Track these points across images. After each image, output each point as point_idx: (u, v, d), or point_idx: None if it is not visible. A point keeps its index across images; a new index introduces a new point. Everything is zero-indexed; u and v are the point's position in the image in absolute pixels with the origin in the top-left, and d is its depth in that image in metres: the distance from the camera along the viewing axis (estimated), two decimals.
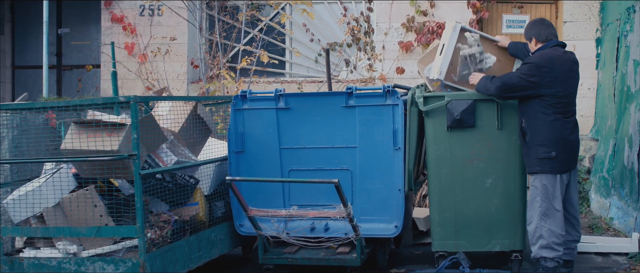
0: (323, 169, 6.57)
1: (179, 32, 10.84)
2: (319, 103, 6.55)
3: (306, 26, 10.95)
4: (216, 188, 6.72)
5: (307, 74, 11.11)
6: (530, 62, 5.89)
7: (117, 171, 5.45)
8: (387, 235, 6.40)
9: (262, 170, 6.66)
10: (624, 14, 8.55)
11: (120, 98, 5.36)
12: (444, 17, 10.36)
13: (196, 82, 10.91)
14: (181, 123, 6.22)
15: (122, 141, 5.37)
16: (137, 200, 5.31)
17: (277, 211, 6.09)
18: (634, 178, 7.97)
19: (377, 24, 10.57)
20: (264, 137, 6.66)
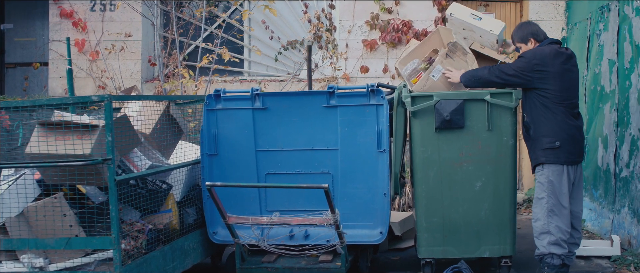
0: (302, 172, 6.23)
1: (133, 28, 10.31)
2: (298, 102, 6.20)
3: (265, 23, 10.57)
4: (187, 194, 6.31)
5: (267, 73, 10.71)
6: (523, 57, 5.78)
7: (89, 177, 5.00)
8: (371, 241, 6.10)
9: (236, 174, 6.29)
10: (596, 13, 8.43)
11: (94, 97, 4.90)
12: (409, 15, 10.12)
13: (151, 81, 10.40)
14: (153, 124, 5.78)
15: (94, 144, 4.93)
16: (112, 208, 4.88)
17: (259, 218, 5.72)
18: (610, 180, 7.85)
19: (340, 22, 10.25)
20: (239, 139, 6.28)
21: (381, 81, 9.69)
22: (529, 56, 5.72)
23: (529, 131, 5.79)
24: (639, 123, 7.11)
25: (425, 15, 10.08)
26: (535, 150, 5.77)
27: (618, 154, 7.67)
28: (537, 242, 5.80)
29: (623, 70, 7.53)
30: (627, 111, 7.39)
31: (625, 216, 7.32)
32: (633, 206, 7.19)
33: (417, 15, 10.09)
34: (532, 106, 5.77)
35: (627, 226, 7.23)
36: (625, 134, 7.44)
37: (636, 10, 7.14)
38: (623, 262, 6.71)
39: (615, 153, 7.74)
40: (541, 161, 5.74)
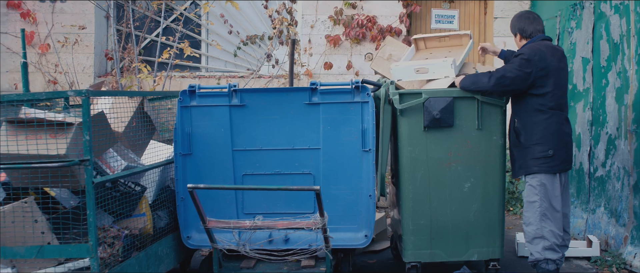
0: (281, 173, 5.92)
1: (86, 21, 9.79)
2: (278, 99, 5.89)
3: (224, 17, 10.19)
4: (157, 196, 5.93)
5: (225, 68, 10.32)
6: (521, 54, 5.57)
7: (63, 180, 4.59)
8: (356, 245, 5.83)
9: (211, 175, 5.94)
10: (567, 10, 8.34)
11: (69, 93, 4.49)
12: (374, 11, 9.89)
13: (104, 76, 9.91)
14: (126, 122, 5.38)
15: (70, 143, 4.53)
16: (89, 213, 4.49)
17: (241, 222, 5.38)
18: (583, 179, 7.77)
19: (303, 17, 9.95)
20: (215, 138, 5.93)
21: (345, 78, 9.47)
22: (529, 52, 5.53)
23: (520, 137, 5.62)
24: (616, 121, 7.03)
25: (390, 11, 9.87)
26: (526, 159, 5.60)
27: (593, 154, 7.58)
28: (531, 248, 5.63)
29: (599, 68, 7.45)
30: (604, 110, 7.31)
31: (602, 216, 7.23)
32: (610, 206, 7.10)
33: (381, 10, 9.87)
34: (524, 110, 5.60)
35: (603, 226, 7.15)
36: (601, 134, 7.35)
37: (615, 8, 7.05)
38: (604, 263, 6.60)
39: (589, 152, 7.65)
40: (533, 171, 5.57)
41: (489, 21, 10.20)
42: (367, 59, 9.86)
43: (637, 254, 6.37)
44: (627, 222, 6.67)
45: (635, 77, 6.58)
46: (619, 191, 6.92)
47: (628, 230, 6.63)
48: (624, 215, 6.77)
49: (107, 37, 9.95)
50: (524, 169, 5.62)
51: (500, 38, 9.92)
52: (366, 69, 9.85)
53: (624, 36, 6.84)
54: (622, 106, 6.89)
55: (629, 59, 6.70)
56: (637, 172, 6.50)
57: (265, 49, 10.18)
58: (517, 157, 5.69)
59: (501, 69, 5.58)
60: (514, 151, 5.71)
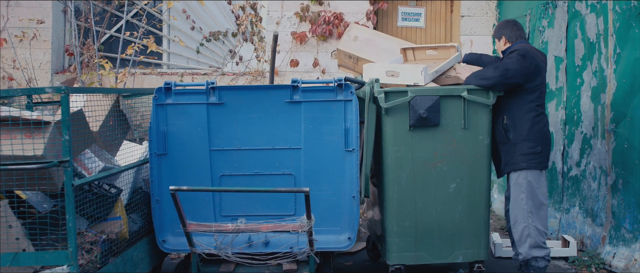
0: (261, 174, 5.71)
1: (43, 15, 9.38)
2: (258, 97, 5.68)
3: (186, 13, 9.90)
4: (131, 198, 5.66)
5: (188, 65, 10.03)
6: (516, 50, 5.68)
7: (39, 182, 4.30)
8: (339, 248, 5.65)
9: (187, 176, 5.70)
10: (538, 9, 8.31)
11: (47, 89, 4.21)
12: (340, 7, 9.72)
13: (62, 73, 9.52)
14: (101, 120, 5.11)
15: (47, 143, 4.25)
16: (69, 218, 4.23)
17: (223, 225, 5.16)
18: (556, 179, 7.74)
19: (268, 13, 9.72)
20: (192, 137, 5.69)
21: (311, 76, 9.29)
22: (522, 49, 5.65)
23: (508, 134, 5.65)
24: (592, 121, 7.00)
25: (357, 7, 9.71)
26: (515, 155, 5.63)
27: (566, 153, 7.56)
28: (519, 247, 5.58)
29: (573, 67, 7.42)
30: (578, 109, 7.28)
31: (577, 215, 7.21)
32: (585, 206, 7.08)
33: (348, 7, 9.71)
34: (514, 106, 5.63)
35: (578, 226, 7.12)
36: (576, 133, 7.32)
37: (591, 7, 7.02)
38: (582, 262, 6.56)
39: (563, 151, 7.62)
40: (521, 167, 5.62)
41: (455, 20, 10.12)
42: (333, 56, 9.68)
43: (616, 254, 6.34)
44: (605, 222, 6.64)
45: (614, 76, 6.55)
46: (595, 190, 6.89)
47: (606, 229, 6.61)
48: (601, 215, 6.74)
49: (64, 32, 9.57)
50: (511, 166, 5.66)
51: (467, 36, 9.86)
52: (333, 67, 9.68)
53: (601, 35, 6.81)
54: (598, 105, 6.86)
55: (607, 58, 6.67)
56: (616, 172, 6.48)
57: (229, 45, 9.92)
58: (503, 154, 5.70)
59: (502, 63, 5.60)
60: (501, 149, 5.70)
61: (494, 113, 5.66)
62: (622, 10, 6.40)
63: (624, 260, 6.20)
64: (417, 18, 10.08)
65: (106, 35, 9.62)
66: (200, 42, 9.90)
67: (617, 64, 6.51)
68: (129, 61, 8.94)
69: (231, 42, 9.93)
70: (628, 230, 6.26)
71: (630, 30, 6.26)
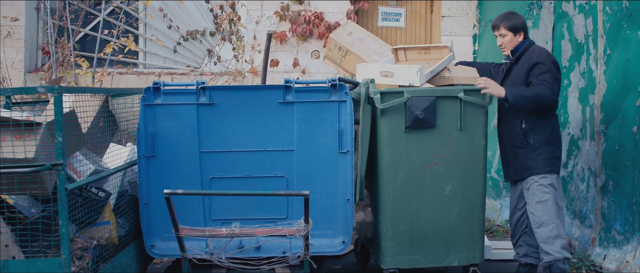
0: (252, 176, 5.57)
1: (16, 12, 9.09)
2: (250, 98, 5.53)
3: (163, 11, 9.68)
4: (117, 202, 5.48)
5: (164, 65, 9.82)
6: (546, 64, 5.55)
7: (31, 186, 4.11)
8: (333, 252, 5.53)
9: (177, 179, 5.53)
10: (522, 9, 8.27)
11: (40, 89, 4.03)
12: (321, 7, 9.59)
13: (35, 72, 9.25)
14: (90, 121, 4.92)
15: (39, 145, 4.06)
16: (62, 223, 4.05)
17: (217, 229, 5.00)
18: None
19: (248, 12, 9.55)
20: (181, 138, 5.53)
21: (291, 76, 9.16)
22: (549, 57, 5.62)
23: (528, 138, 5.58)
24: (580, 122, 6.97)
25: (338, 7, 9.60)
26: (537, 160, 5.56)
27: None
28: (548, 247, 5.53)
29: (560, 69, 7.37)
30: (565, 110, 7.25)
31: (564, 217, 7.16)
32: (573, 208, 7.05)
33: (329, 7, 9.59)
34: (535, 112, 5.55)
35: (567, 227, 7.08)
36: (563, 135, 7.27)
37: (579, 8, 6.99)
38: (571, 264, 6.51)
39: None
40: (545, 170, 5.54)
41: (435, 20, 10.07)
42: (313, 56, 9.57)
43: (607, 255, 6.31)
44: (595, 224, 6.61)
45: (604, 77, 6.53)
46: (583, 192, 6.86)
47: (595, 231, 6.58)
48: (590, 217, 6.72)
49: (38, 30, 9.30)
50: (533, 170, 5.57)
51: (448, 37, 9.81)
52: (313, 67, 9.56)
53: (590, 36, 6.78)
54: (586, 107, 6.83)
55: (596, 59, 6.65)
56: (606, 173, 6.45)
57: (206, 45, 9.74)
58: (522, 159, 5.63)
59: (548, 78, 5.49)
60: (518, 153, 5.64)
61: (504, 115, 5.68)
62: (613, 11, 6.37)
63: (616, 262, 6.17)
64: (397, 18, 10.00)
65: (81, 33, 9.37)
66: (177, 42, 9.71)
67: (607, 65, 6.48)
68: (105, 60, 8.72)
69: (209, 42, 9.75)
70: (619, 231, 6.23)
71: (622, 31, 6.24)
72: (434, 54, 6.11)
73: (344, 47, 6.40)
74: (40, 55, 9.45)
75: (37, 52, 9.44)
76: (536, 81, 5.47)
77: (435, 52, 6.11)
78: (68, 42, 8.77)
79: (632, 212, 6.05)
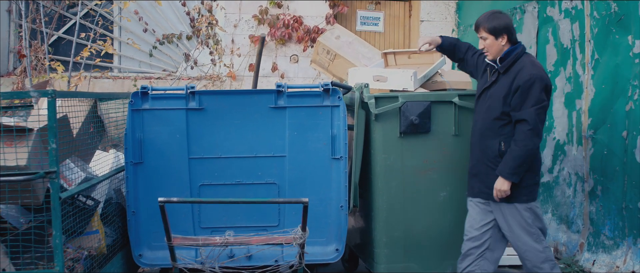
0: (243, 183, 5.45)
1: None
2: (241, 103, 5.41)
3: (139, 14, 9.48)
4: (103, 210, 5.31)
5: (139, 69, 9.61)
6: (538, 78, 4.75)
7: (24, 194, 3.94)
8: (326, 260, 5.44)
9: (165, 186, 5.38)
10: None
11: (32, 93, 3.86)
12: (300, 11, 9.48)
13: (7, 76, 8.99)
14: (77, 127, 4.74)
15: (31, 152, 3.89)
16: (55, 234, 3.89)
17: (211, 238, 4.84)
18: None
19: (225, 16, 9.39)
20: (169, 144, 5.38)
21: (269, 80, 9.03)
22: (542, 76, 4.78)
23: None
24: (565, 127, 6.96)
25: (317, 11, 9.50)
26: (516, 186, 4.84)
27: None
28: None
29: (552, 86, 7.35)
30: (550, 115, 7.23)
31: (549, 222, 7.15)
32: (559, 213, 7.03)
33: (308, 11, 9.48)
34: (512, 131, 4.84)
35: (552, 233, 7.06)
36: (548, 139, 7.27)
37: (565, 12, 6.97)
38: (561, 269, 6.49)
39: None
40: (523, 199, 4.89)
41: (414, 24, 10.01)
42: (292, 60, 9.45)
43: (596, 261, 6.29)
44: (582, 229, 6.59)
45: (591, 82, 6.52)
46: (570, 197, 6.84)
47: (583, 236, 6.56)
48: (577, 222, 6.70)
49: (9, 33, 9.04)
50: (510, 198, 4.86)
51: None
52: (292, 71, 9.44)
53: (576, 40, 6.77)
54: (573, 112, 6.82)
55: (583, 64, 6.63)
56: (594, 178, 6.44)
57: (183, 48, 9.56)
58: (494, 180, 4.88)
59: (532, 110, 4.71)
60: (492, 174, 4.90)
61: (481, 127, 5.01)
62: (601, 16, 6.37)
63: (605, 267, 6.15)
64: (376, 22, 9.93)
65: (54, 36, 9.13)
66: (153, 45, 9.51)
67: (595, 70, 6.47)
68: (80, 64, 8.51)
69: (185, 46, 9.57)
70: (608, 236, 6.22)
71: (610, 36, 6.23)
72: (424, 59, 6.04)
73: (332, 51, 6.30)
74: (11, 59, 9.19)
75: (9, 56, 9.18)
76: (520, 121, 4.75)
77: (424, 57, 6.04)
78: (41, 46, 8.54)
79: (622, 217, 6.04)
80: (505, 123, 4.87)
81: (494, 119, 4.90)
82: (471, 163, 5.13)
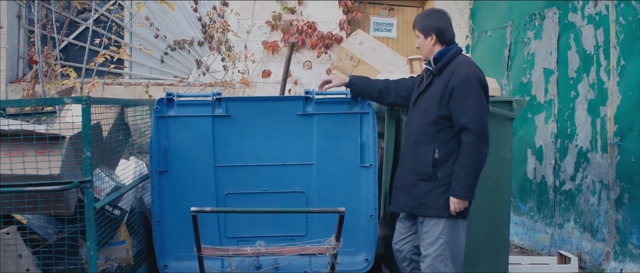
0: (270, 192, 5.34)
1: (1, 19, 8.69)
2: (268, 109, 5.31)
3: (150, 20, 9.37)
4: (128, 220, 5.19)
5: (151, 75, 9.50)
6: (474, 77, 4.47)
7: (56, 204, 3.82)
8: (355, 270, 5.33)
9: (190, 195, 5.27)
10: (523, 20, 8.17)
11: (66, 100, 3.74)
12: (313, 16, 9.37)
13: (16, 82, 8.86)
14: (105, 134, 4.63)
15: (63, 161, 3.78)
16: (90, 246, 3.77)
17: (241, 249, 4.73)
18: (546, 193, 7.59)
19: (238, 21, 9.28)
20: (195, 152, 5.28)
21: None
22: (478, 75, 4.50)
23: (437, 171, 4.52)
24: (589, 134, 6.87)
25: (330, 17, 9.39)
26: (439, 198, 4.50)
27: (558, 167, 7.40)
28: None
29: (566, 80, 7.28)
30: (572, 122, 7.14)
31: (572, 231, 7.05)
32: (582, 221, 6.93)
33: (322, 16, 9.37)
34: (447, 139, 4.53)
35: (575, 241, 6.96)
36: (570, 147, 7.18)
37: (588, 18, 6.89)
38: None
39: (554, 165, 7.47)
40: (446, 214, 4.51)
41: None
42: (306, 67, 9.34)
43: (624, 270, 6.20)
44: (608, 237, 6.50)
45: (617, 89, 6.43)
46: (594, 205, 6.75)
47: (609, 245, 6.46)
48: (602, 230, 6.60)
49: (19, 39, 8.92)
50: (433, 210, 4.52)
51: None
52: (305, 77, 9.33)
53: (600, 46, 6.69)
54: (596, 118, 6.73)
55: (608, 70, 6.55)
56: (620, 186, 6.35)
57: (194, 55, 9.45)
58: (420, 192, 4.57)
59: (474, 114, 4.40)
60: (418, 183, 4.58)
61: (415, 133, 4.68)
62: (627, 22, 6.29)
63: None
64: (389, 28, 9.84)
65: (65, 42, 9.01)
66: (164, 51, 9.40)
67: (621, 76, 6.39)
68: (92, 71, 8.40)
69: (197, 52, 9.46)
70: (636, 245, 6.13)
71: (637, 42, 6.15)
72: None
73: (356, 57, 6.21)
74: (21, 65, 9.07)
75: (18, 62, 9.06)
76: (464, 130, 4.43)
77: None
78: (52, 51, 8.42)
79: None
80: (441, 128, 4.54)
81: (429, 124, 4.56)
82: (399, 173, 4.83)
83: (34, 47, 8.58)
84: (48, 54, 8.45)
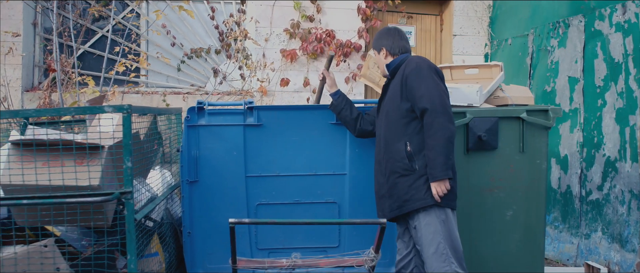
0: (301, 202, 5.27)
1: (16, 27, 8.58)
2: (300, 118, 5.25)
3: (166, 28, 9.29)
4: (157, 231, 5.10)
5: (167, 84, 9.40)
6: (425, 64, 4.61)
7: (96, 216, 3.73)
8: None
9: (220, 205, 5.21)
10: (546, 28, 8.08)
11: (106, 109, 3.65)
12: (332, 24, 9.29)
13: (32, 90, 8.76)
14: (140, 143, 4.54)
15: (103, 171, 3.69)
16: (130, 259, 3.68)
17: (277, 261, 4.63)
18: (572, 203, 7.49)
19: (256, 29, 9.19)
20: (226, 162, 5.20)
21: (301, 96, 8.84)
22: (428, 62, 4.66)
23: (414, 163, 4.54)
24: (617, 143, 6.78)
25: (349, 25, 9.30)
26: (421, 189, 4.52)
27: (584, 177, 7.31)
28: None
29: (593, 88, 7.19)
30: (599, 131, 7.04)
31: (599, 241, 6.95)
32: (610, 231, 6.83)
33: (340, 25, 9.29)
34: (415, 130, 4.57)
35: (603, 252, 6.86)
36: (597, 156, 7.09)
37: (616, 26, 6.81)
38: None
39: (580, 175, 7.37)
40: (430, 202, 4.51)
41: (446, 38, 9.85)
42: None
43: None
44: (638, 248, 6.39)
45: None
46: (623, 215, 6.65)
47: None
48: (632, 240, 6.50)
49: (35, 47, 8.83)
50: (418, 202, 4.53)
51: (459, 56, 9.59)
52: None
53: (629, 54, 6.60)
54: (625, 128, 6.64)
55: (637, 79, 6.47)
56: None
57: (211, 63, 9.36)
58: (404, 189, 4.59)
59: (428, 94, 4.46)
60: (399, 181, 4.60)
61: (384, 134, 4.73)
62: None
63: None
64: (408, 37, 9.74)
65: (81, 50, 8.93)
66: (181, 60, 9.31)
67: None
68: (110, 79, 8.32)
69: (214, 60, 9.37)
70: None
71: None
72: (483, 73, 5.86)
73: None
74: (36, 73, 8.98)
75: (34, 70, 8.97)
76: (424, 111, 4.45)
77: (484, 71, 5.86)
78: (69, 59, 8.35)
79: None
80: (407, 122, 4.59)
81: (394, 121, 4.64)
82: (377, 183, 4.81)
83: (51, 55, 8.50)
84: (65, 62, 8.37)
